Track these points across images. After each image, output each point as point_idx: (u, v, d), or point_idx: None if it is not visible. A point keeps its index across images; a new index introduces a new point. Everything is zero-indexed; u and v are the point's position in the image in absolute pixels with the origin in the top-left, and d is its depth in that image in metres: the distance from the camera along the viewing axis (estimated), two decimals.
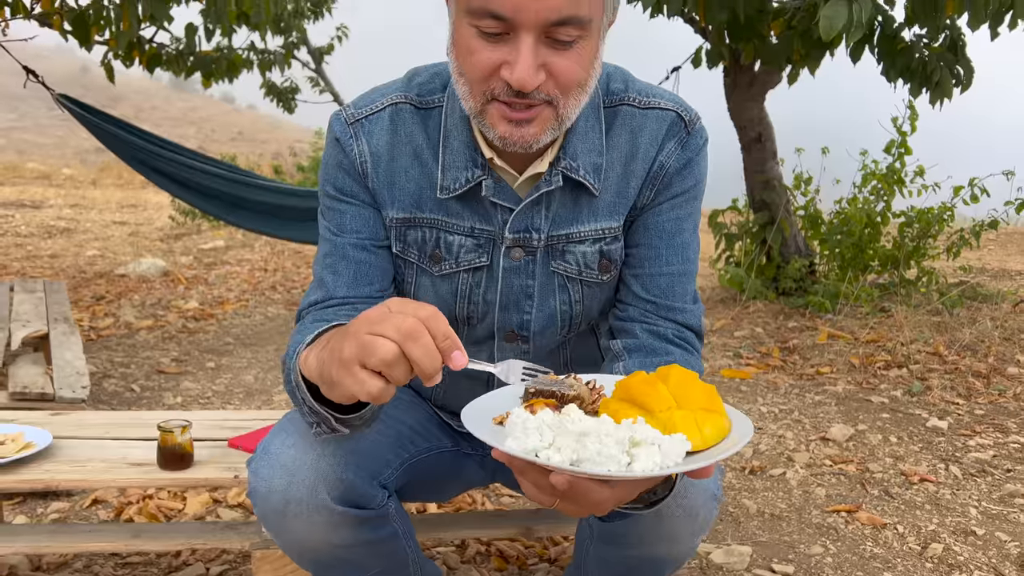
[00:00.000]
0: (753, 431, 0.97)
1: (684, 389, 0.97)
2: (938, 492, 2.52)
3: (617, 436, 0.88)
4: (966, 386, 3.49)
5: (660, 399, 0.96)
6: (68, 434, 1.76)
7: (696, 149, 1.22)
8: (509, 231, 1.20)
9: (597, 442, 0.87)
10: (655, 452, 0.88)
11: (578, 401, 1.01)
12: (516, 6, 0.97)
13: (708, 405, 0.97)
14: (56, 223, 9.19)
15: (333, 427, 1.05)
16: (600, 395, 1.04)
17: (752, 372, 3.76)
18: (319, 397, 1.02)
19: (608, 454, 0.87)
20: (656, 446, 0.89)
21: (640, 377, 0.99)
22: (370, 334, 0.86)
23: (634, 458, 0.88)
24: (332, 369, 0.89)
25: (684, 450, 0.90)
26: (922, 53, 4.23)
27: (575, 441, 0.88)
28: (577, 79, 1.04)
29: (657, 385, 0.97)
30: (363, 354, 0.86)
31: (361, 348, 0.86)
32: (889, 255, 5.14)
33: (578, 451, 0.88)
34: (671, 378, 0.98)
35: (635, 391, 0.98)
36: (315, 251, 5.94)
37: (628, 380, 1.00)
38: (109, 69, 5.29)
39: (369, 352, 0.86)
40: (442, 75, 1.23)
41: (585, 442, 0.88)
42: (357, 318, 0.89)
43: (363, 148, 1.20)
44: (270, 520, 1.17)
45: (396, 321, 0.86)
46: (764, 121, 5.13)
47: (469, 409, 0.98)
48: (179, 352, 4.09)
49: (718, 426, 0.96)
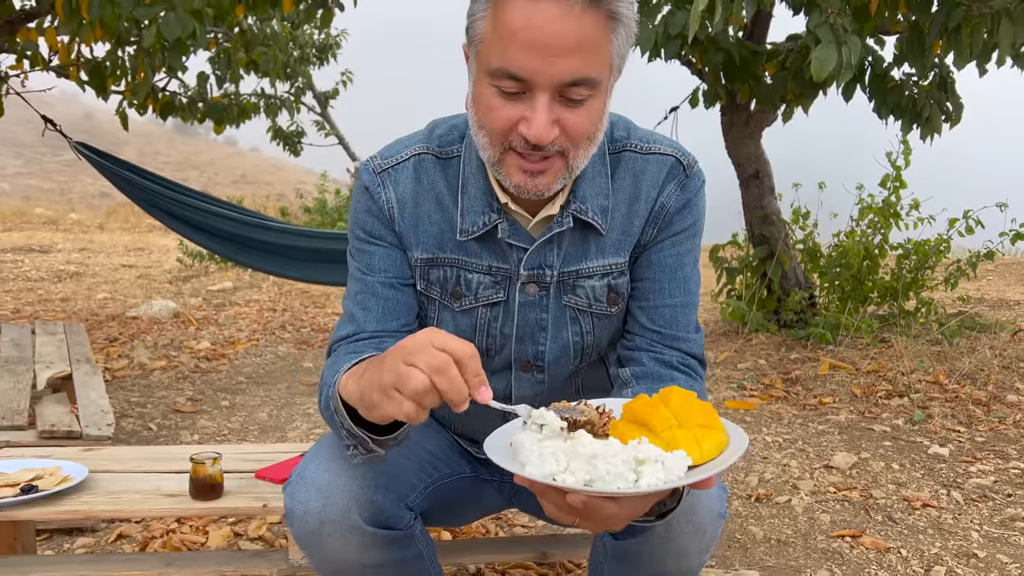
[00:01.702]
0: (748, 442, 1.06)
1: (684, 409, 1.07)
2: (940, 517, 2.58)
3: (624, 456, 0.98)
4: (966, 414, 3.55)
5: (662, 419, 1.05)
6: (102, 468, 1.84)
7: (694, 190, 1.33)
8: (524, 268, 1.30)
9: (606, 463, 0.97)
10: (659, 469, 0.97)
11: (589, 426, 1.10)
12: (534, 69, 1.08)
13: (706, 422, 1.07)
14: (65, 267, 9.32)
15: (369, 448, 1.14)
16: (610, 418, 1.12)
17: (756, 403, 3.83)
18: (356, 420, 1.11)
19: (617, 473, 0.96)
20: (660, 463, 0.98)
21: (644, 400, 1.09)
22: (405, 364, 0.95)
23: (640, 475, 0.97)
24: (372, 393, 0.99)
25: (685, 465, 1.00)
26: (911, 91, 4.38)
27: (587, 463, 0.98)
28: (587, 132, 1.15)
29: (659, 407, 1.07)
30: (398, 382, 0.96)
31: (397, 377, 0.96)
32: (888, 287, 5.23)
33: (590, 472, 0.97)
34: (672, 399, 1.08)
35: (639, 413, 1.08)
36: (322, 291, 6.01)
37: (633, 403, 1.10)
38: (124, 117, 5.45)
39: (403, 381, 0.96)
40: (459, 127, 1.34)
41: (596, 464, 0.97)
42: (396, 346, 0.98)
43: (390, 195, 1.31)
44: (306, 541, 1.25)
45: (428, 356, 0.95)
46: (761, 158, 5.27)
47: (491, 440, 1.08)
48: (193, 391, 4.17)
49: (716, 441, 1.06)
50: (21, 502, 1.62)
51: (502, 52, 1.09)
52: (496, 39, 1.10)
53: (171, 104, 5.81)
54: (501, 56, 1.09)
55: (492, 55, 1.10)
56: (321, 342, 5.50)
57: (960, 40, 3.46)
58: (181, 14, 3.55)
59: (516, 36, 1.07)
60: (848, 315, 5.03)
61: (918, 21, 3.75)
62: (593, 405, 1.14)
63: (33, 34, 4.95)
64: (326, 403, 1.15)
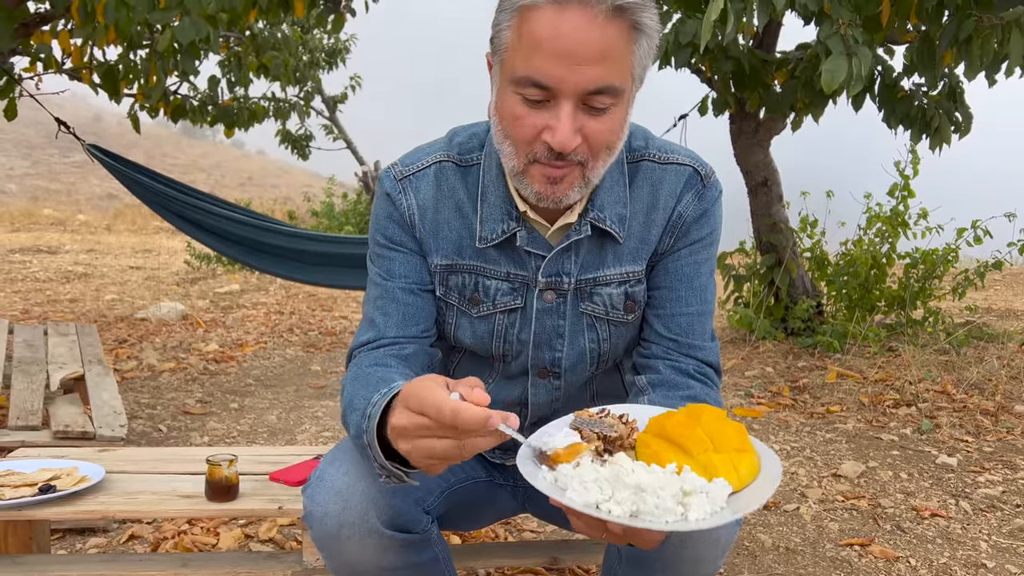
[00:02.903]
0: (781, 468, 1.05)
1: (717, 430, 1.05)
2: (949, 527, 2.58)
3: (671, 489, 0.96)
4: (974, 424, 3.56)
5: (698, 442, 1.03)
6: (118, 469, 1.86)
7: (712, 200, 1.34)
8: (542, 275, 1.32)
9: (655, 496, 0.95)
10: (704, 501, 0.96)
11: (619, 441, 1.08)
12: (559, 77, 1.10)
13: (740, 445, 1.05)
14: (73, 268, 9.36)
15: (403, 480, 1.13)
16: (634, 429, 1.11)
17: (764, 411, 3.83)
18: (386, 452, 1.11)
19: (665, 507, 0.94)
20: (704, 494, 0.96)
21: (676, 419, 1.06)
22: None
23: (687, 508, 0.95)
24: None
25: (727, 494, 0.98)
26: (921, 101, 4.39)
27: (633, 494, 0.96)
28: (607, 142, 1.17)
29: (694, 428, 1.04)
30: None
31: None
32: (895, 296, 5.23)
33: (637, 504, 0.95)
34: (704, 419, 1.06)
35: (672, 432, 1.05)
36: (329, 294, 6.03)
37: (663, 419, 1.08)
38: (135, 120, 5.49)
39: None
40: (479, 135, 1.36)
41: (644, 497, 0.95)
42: (410, 435, 1.00)
43: (411, 201, 1.32)
44: (324, 543, 1.26)
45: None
46: (770, 166, 5.28)
47: (521, 457, 1.04)
48: (202, 393, 4.19)
49: (751, 464, 1.04)
50: (40, 502, 1.64)
51: (527, 60, 1.11)
52: (521, 48, 1.12)
53: (182, 107, 5.85)
54: (526, 64, 1.11)
55: (517, 63, 1.12)
56: (329, 345, 5.53)
57: (971, 51, 3.46)
58: (195, 19, 3.58)
59: (542, 45, 1.09)
60: (856, 324, 5.03)
61: (929, 31, 3.75)
62: (616, 413, 1.13)
63: (47, 37, 4.99)
64: (358, 432, 1.13)
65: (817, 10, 3.33)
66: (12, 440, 2.55)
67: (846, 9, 3.34)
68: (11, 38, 4.04)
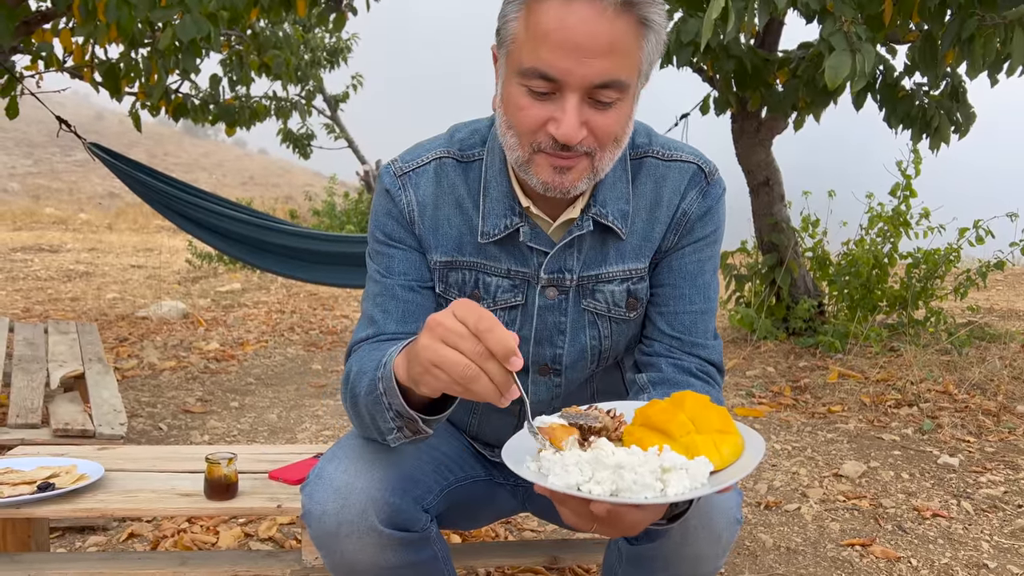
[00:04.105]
0: (765, 447, 1.06)
1: (700, 413, 1.07)
2: (950, 527, 2.57)
3: (650, 466, 0.98)
4: (976, 424, 3.55)
5: (680, 425, 1.06)
6: (117, 467, 1.85)
7: (715, 198, 1.33)
8: (544, 272, 1.31)
9: (632, 473, 0.97)
10: (684, 476, 0.98)
11: (604, 432, 1.10)
12: (565, 69, 1.09)
13: (722, 427, 1.07)
14: (75, 267, 9.37)
15: (417, 429, 1.13)
16: (621, 423, 1.13)
17: (765, 411, 3.83)
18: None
19: (644, 483, 0.97)
20: (684, 471, 0.99)
21: (659, 406, 1.09)
22: (447, 345, 0.96)
23: (667, 484, 0.97)
24: (416, 367, 1.00)
25: (707, 471, 1.00)
26: (922, 101, 4.38)
27: (613, 473, 0.98)
28: (614, 134, 1.16)
29: (676, 412, 1.07)
30: (443, 364, 0.97)
31: (441, 359, 0.97)
32: (897, 296, 5.22)
33: (616, 482, 0.97)
34: (686, 404, 1.08)
35: (655, 419, 1.08)
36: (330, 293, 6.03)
37: (647, 408, 1.10)
38: (136, 118, 5.48)
39: (449, 367, 0.97)
40: (480, 131, 1.35)
41: (622, 474, 0.97)
42: (441, 317, 0.97)
43: (411, 198, 1.32)
44: (323, 541, 1.26)
45: (470, 347, 0.96)
46: (771, 165, 5.27)
47: (507, 449, 1.08)
48: (203, 392, 4.19)
49: (734, 445, 1.06)
50: (38, 499, 1.63)
51: (534, 52, 1.10)
52: (528, 39, 1.11)
53: (183, 106, 5.84)
54: (533, 56, 1.10)
55: (524, 55, 1.12)
56: (330, 344, 5.52)
57: (973, 50, 3.45)
58: (197, 17, 3.57)
59: (549, 36, 1.09)
60: (857, 323, 5.02)
61: (931, 30, 3.75)
62: (604, 409, 1.14)
63: (48, 35, 4.98)
64: (371, 386, 1.14)
65: (819, 8, 3.32)
66: (12, 438, 2.54)
67: (849, 7, 3.33)
68: (12, 36, 4.03)
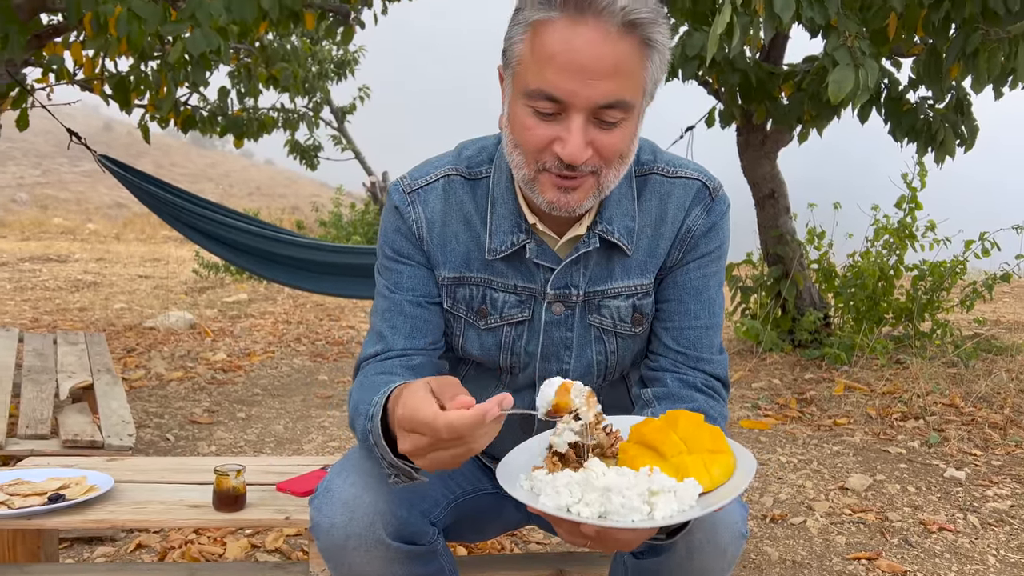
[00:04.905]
0: (756, 467, 1.08)
1: (692, 433, 1.09)
2: (957, 541, 2.57)
3: (638, 489, 1.00)
4: (983, 437, 3.54)
5: (671, 445, 1.07)
6: (126, 478, 1.86)
7: (720, 214, 1.35)
8: (551, 288, 1.32)
9: (620, 496, 0.99)
10: (672, 499, 1.00)
11: (598, 448, 1.11)
12: (571, 91, 1.11)
13: (714, 447, 1.09)
14: (83, 277, 9.42)
15: (413, 477, 1.16)
16: (617, 439, 1.14)
17: (770, 423, 3.83)
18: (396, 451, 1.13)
19: (631, 506, 0.98)
20: (672, 493, 1.00)
21: (653, 424, 1.10)
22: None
23: (654, 507, 0.99)
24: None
25: (696, 493, 1.02)
26: (926, 114, 4.39)
27: (601, 495, 1.00)
28: (619, 152, 1.18)
29: (668, 432, 1.08)
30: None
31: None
32: (903, 308, 5.22)
33: (604, 504, 0.99)
34: (680, 423, 1.09)
35: (649, 437, 1.09)
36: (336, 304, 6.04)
37: (641, 427, 1.11)
38: (145, 130, 5.53)
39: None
40: (488, 149, 1.37)
41: (610, 496, 0.99)
42: (418, 437, 1.01)
43: (419, 215, 1.33)
44: (331, 554, 1.27)
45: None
46: (777, 178, 5.28)
47: (502, 468, 1.10)
48: (210, 403, 4.20)
49: (724, 465, 1.07)
50: (49, 511, 1.65)
51: (539, 74, 1.12)
52: (534, 61, 1.13)
53: (192, 118, 5.89)
54: (538, 78, 1.12)
55: (529, 77, 1.14)
56: (336, 355, 5.54)
57: (978, 64, 3.47)
58: (207, 31, 3.61)
59: (555, 59, 1.10)
60: (863, 336, 5.02)
61: (936, 45, 3.76)
62: (601, 425, 1.15)
63: (59, 48, 5.03)
64: (364, 434, 1.18)
65: (824, 23, 3.34)
66: (22, 448, 2.56)
67: (853, 22, 3.36)
68: (25, 50, 4.08)
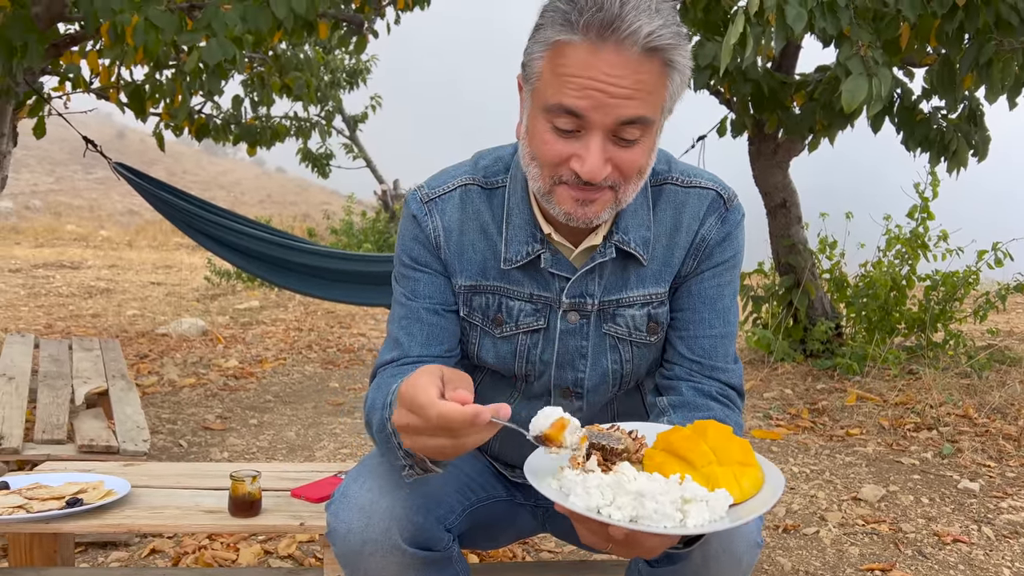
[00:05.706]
0: (784, 483, 1.08)
1: (722, 444, 1.09)
2: (971, 553, 2.55)
3: (671, 496, 1.00)
4: (997, 448, 3.52)
5: (702, 455, 1.07)
6: (143, 483, 1.88)
7: (735, 223, 1.36)
8: (566, 296, 1.33)
9: (653, 502, 0.99)
10: (704, 508, 1.00)
11: (625, 454, 1.12)
12: (591, 106, 1.11)
13: (744, 459, 1.09)
14: (96, 283, 9.48)
15: (427, 468, 1.17)
16: (643, 444, 1.14)
17: (783, 433, 3.81)
18: None
19: (664, 512, 0.98)
20: (704, 502, 1.00)
21: (682, 433, 1.10)
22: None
23: (686, 515, 0.99)
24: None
25: (727, 504, 1.02)
26: (939, 124, 4.38)
27: (634, 499, 1.00)
28: (638, 167, 1.19)
29: (699, 441, 1.08)
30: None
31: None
32: (916, 318, 5.19)
33: (636, 509, 0.99)
34: (709, 434, 1.09)
35: (677, 446, 1.09)
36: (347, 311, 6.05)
37: (669, 434, 1.11)
38: (160, 138, 5.57)
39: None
40: (504, 159, 1.38)
41: (643, 501, 0.99)
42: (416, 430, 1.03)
43: (437, 224, 1.35)
44: (347, 559, 1.28)
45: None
46: (788, 187, 5.28)
47: (529, 465, 1.10)
48: (222, 409, 4.22)
49: (754, 479, 1.08)
50: (67, 515, 1.66)
51: (559, 92, 1.13)
52: (553, 79, 1.13)
53: (206, 126, 5.94)
54: (558, 95, 1.13)
55: (549, 93, 1.14)
56: (347, 362, 5.56)
57: (991, 74, 3.47)
58: (222, 40, 3.64)
59: (575, 80, 1.11)
60: (875, 346, 5.00)
61: (949, 55, 3.76)
62: (626, 430, 1.16)
63: (76, 57, 5.09)
64: (381, 425, 1.19)
65: (836, 33, 3.35)
66: (38, 453, 2.59)
67: (866, 32, 3.36)
68: (42, 59, 4.13)
